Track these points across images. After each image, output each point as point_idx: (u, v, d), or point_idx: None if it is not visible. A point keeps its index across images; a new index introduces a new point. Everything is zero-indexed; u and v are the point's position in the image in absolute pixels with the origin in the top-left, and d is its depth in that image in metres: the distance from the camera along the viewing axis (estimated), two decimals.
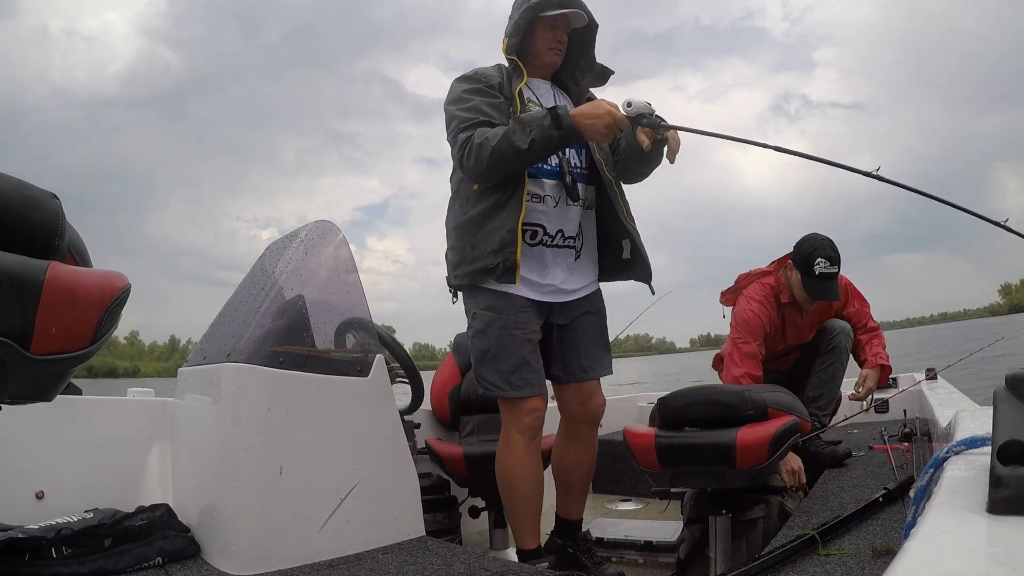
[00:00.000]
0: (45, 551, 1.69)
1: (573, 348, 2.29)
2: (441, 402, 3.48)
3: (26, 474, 2.09)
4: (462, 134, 2.09)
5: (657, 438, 2.13)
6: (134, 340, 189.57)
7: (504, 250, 2.08)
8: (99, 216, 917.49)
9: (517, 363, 2.14)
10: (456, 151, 2.12)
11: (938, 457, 0.98)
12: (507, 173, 2.08)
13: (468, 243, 2.16)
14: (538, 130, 1.99)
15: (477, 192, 2.16)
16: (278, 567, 1.76)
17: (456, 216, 2.23)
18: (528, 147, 1.99)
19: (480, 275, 2.14)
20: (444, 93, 2.25)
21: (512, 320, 2.16)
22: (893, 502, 1.96)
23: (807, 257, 2.83)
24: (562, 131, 1.98)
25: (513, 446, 2.20)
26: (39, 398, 1.10)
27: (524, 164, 2.06)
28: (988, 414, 0.88)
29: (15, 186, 1.06)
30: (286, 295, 2.14)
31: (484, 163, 2.03)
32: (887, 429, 3.23)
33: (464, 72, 2.25)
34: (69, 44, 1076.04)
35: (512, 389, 2.14)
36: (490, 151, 2.01)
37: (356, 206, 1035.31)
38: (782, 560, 1.63)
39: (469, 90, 2.17)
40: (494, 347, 2.15)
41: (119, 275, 1.15)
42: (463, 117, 2.12)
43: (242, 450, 1.82)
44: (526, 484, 2.23)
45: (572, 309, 2.29)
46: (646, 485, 2.35)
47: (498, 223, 2.10)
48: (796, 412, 2.17)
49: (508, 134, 2.01)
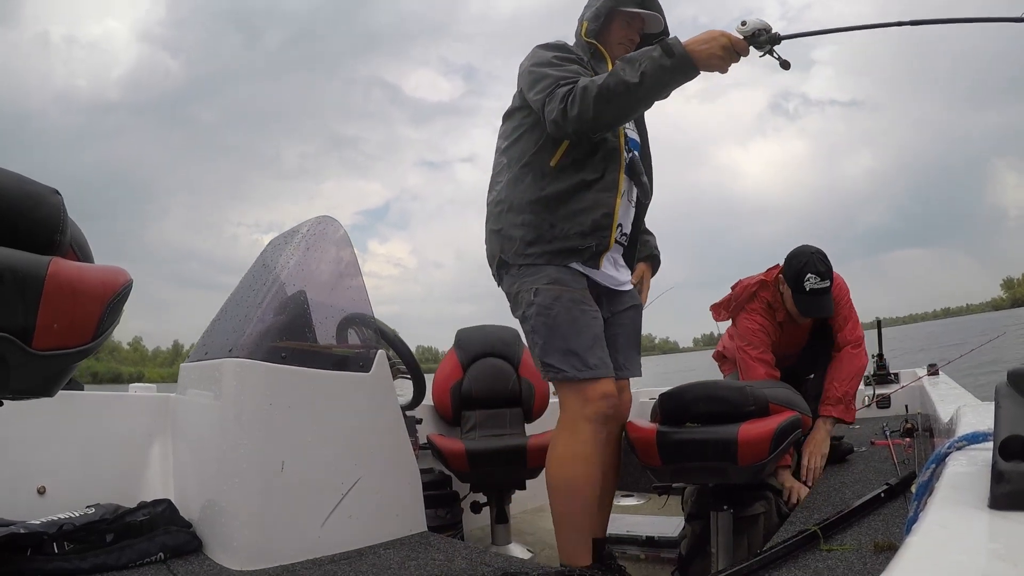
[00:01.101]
0: (47, 546, 1.70)
1: (612, 342, 2.09)
2: (443, 398, 3.48)
3: (28, 470, 2.09)
4: (561, 88, 1.88)
5: (659, 434, 2.12)
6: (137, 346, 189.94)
7: (597, 233, 1.94)
8: (101, 222, 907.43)
9: (593, 338, 1.92)
10: (554, 105, 1.88)
11: (940, 453, 0.98)
12: (616, 118, 1.88)
13: (546, 221, 1.96)
14: (648, 61, 1.78)
15: (555, 168, 1.98)
16: (280, 562, 1.77)
17: (530, 190, 2.00)
18: (639, 80, 1.77)
19: (562, 255, 1.95)
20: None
21: (582, 294, 1.97)
22: (895, 497, 1.96)
23: (797, 273, 2.76)
24: (674, 59, 1.76)
25: (581, 437, 1.89)
26: (41, 394, 1.10)
27: (635, 103, 1.85)
28: (990, 409, 0.88)
29: (16, 182, 1.06)
30: (287, 291, 2.14)
31: (591, 108, 1.81)
32: (889, 424, 3.23)
33: (548, 41, 2.10)
34: (70, 51, 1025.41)
35: (588, 368, 1.88)
36: (596, 92, 1.80)
37: (357, 210, 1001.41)
38: (784, 555, 1.63)
39: (561, 57, 2.01)
40: (564, 322, 1.91)
41: (121, 271, 1.15)
42: (559, 76, 1.92)
43: (244, 445, 1.82)
44: (591, 485, 1.90)
45: (619, 301, 2.17)
46: (648, 481, 2.33)
47: (587, 204, 1.95)
48: (798, 408, 2.17)
49: (615, 71, 1.81)
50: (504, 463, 2.95)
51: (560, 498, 1.91)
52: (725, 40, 1.77)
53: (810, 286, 2.73)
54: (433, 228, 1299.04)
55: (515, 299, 2.02)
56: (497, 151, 2.18)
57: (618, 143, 2.01)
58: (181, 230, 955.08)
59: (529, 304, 1.95)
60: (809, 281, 2.73)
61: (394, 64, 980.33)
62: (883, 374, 4.14)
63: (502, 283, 2.09)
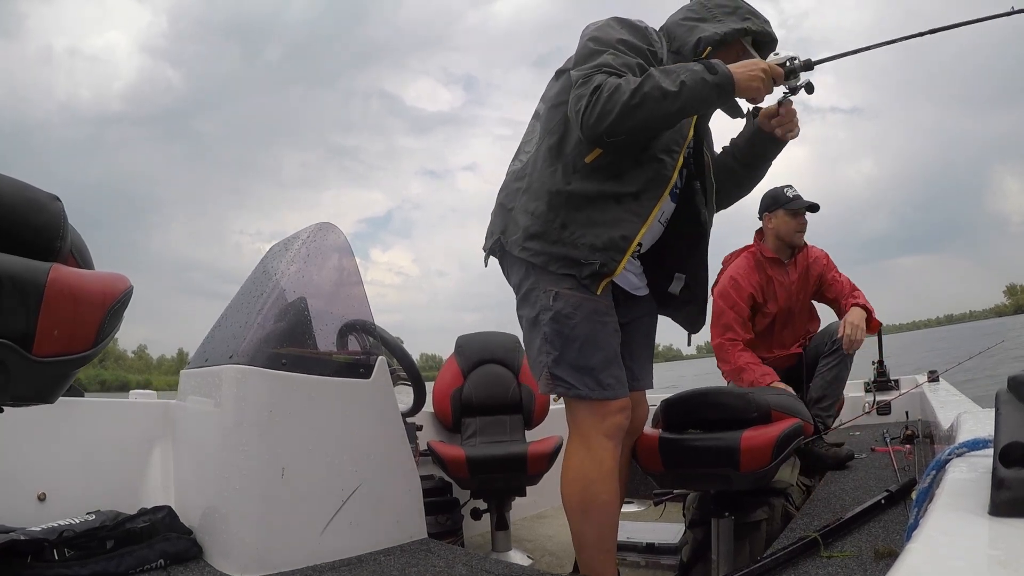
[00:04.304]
0: (47, 553, 1.69)
1: (628, 351, 1.96)
2: (443, 404, 3.48)
3: (28, 476, 2.09)
4: (600, 75, 1.70)
5: (661, 440, 2.12)
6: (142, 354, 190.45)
7: (608, 252, 1.75)
8: (105, 231, 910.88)
9: (609, 357, 1.79)
10: (582, 91, 1.71)
11: (940, 459, 0.98)
12: (639, 126, 1.69)
13: (559, 219, 1.79)
14: (688, 74, 1.66)
15: (588, 165, 1.79)
16: (280, 569, 1.76)
17: (553, 180, 1.81)
18: (678, 89, 1.64)
19: (558, 262, 1.78)
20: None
21: (604, 304, 1.81)
22: (895, 504, 1.96)
23: (776, 193, 3.21)
24: (717, 77, 1.67)
25: (598, 455, 1.78)
26: (41, 400, 1.10)
27: (665, 113, 1.68)
28: (990, 416, 0.88)
29: (18, 188, 1.06)
30: (288, 297, 2.14)
31: (617, 108, 1.64)
32: (889, 431, 3.23)
33: (629, 19, 1.89)
34: (73, 63, 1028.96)
35: (602, 389, 1.76)
36: (628, 94, 1.64)
37: (359, 218, 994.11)
38: (784, 562, 1.62)
39: (629, 44, 1.80)
40: (584, 336, 1.76)
41: (121, 277, 1.15)
42: (609, 62, 1.73)
43: (244, 452, 1.82)
44: (614, 503, 1.82)
45: (636, 307, 2.03)
46: (649, 487, 2.33)
47: (610, 218, 1.77)
48: (800, 415, 2.17)
49: (652, 75, 1.67)
50: (504, 470, 2.95)
51: (581, 519, 1.81)
52: (764, 65, 1.75)
53: (791, 193, 3.19)
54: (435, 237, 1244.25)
55: (525, 296, 1.86)
56: (535, 114, 1.99)
57: (671, 172, 1.83)
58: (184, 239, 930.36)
59: (545, 308, 1.78)
60: (789, 190, 3.20)
61: (394, 75, 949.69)
62: (883, 381, 4.14)
63: (504, 270, 1.95)
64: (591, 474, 1.77)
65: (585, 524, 1.81)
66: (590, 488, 1.77)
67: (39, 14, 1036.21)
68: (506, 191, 1.94)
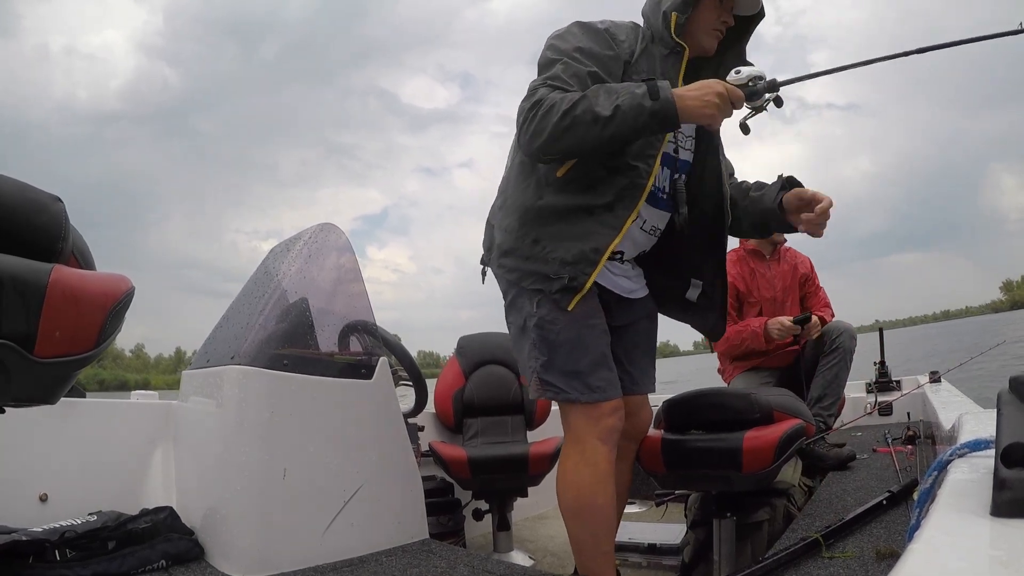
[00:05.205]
0: (48, 554, 1.70)
1: (626, 355, 1.95)
2: (445, 405, 3.48)
3: (30, 477, 2.09)
4: (544, 88, 1.66)
5: (663, 441, 2.12)
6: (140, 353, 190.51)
7: (577, 267, 1.71)
8: (102, 230, 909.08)
9: (597, 360, 1.76)
10: (524, 103, 1.68)
11: (942, 460, 0.98)
12: (573, 149, 1.66)
13: (530, 235, 1.76)
14: (628, 97, 1.58)
15: (560, 179, 1.75)
16: (281, 570, 1.76)
17: (525, 196, 1.79)
18: (611, 114, 1.57)
19: (530, 278, 1.76)
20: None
21: (592, 306, 1.78)
22: (897, 505, 1.95)
23: None
24: (657, 103, 1.57)
25: (592, 458, 1.74)
26: (42, 401, 1.10)
27: (596, 139, 1.60)
28: (992, 417, 0.87)
29: (19, 189, 1.06)
30: (289, 298, 2.15)
31: (548, 129, 1.60)
32: (891, 432, 3.22)
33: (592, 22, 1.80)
34: (70, 62, 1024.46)
35: (590, 392, 1.74)
36: (560, 114, 1.59)
37: (356, 216, 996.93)
38: (786, 563, 1.62)
39: (588, 52, 1.72)
40: (570, 340, 1.74)
41: (123, 278, 1.15)
42: (558, 74, 1.68)
43: (245, 452, 1.82)
44: (610, 506, 1.78)
45: (631, 310, 1.97)
46: (650, 488, 2.33)
47: (581, 231, 1.73)
48: (801, 416, 2.17)
49: (588, 96, 1.60)
50: (506, 470, 2.95)
51: (577, 522, 1.79)
52: (720, 88, 1.62)
53: None
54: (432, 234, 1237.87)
55: (511, 304, 1.86)
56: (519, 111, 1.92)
57: (646, 179, 1.77)
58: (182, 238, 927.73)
59: (530, 315, 1.77)
60: None
61: (391, 72, 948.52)
62: (885, 381, 4.13)
63: (496, 278, 1.92)
64: (586, 478, 1.75)
65: (581, 528, 1.80)
66: (585, 492, 1.75)
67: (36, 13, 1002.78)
68: (494, 204, 1.94)
